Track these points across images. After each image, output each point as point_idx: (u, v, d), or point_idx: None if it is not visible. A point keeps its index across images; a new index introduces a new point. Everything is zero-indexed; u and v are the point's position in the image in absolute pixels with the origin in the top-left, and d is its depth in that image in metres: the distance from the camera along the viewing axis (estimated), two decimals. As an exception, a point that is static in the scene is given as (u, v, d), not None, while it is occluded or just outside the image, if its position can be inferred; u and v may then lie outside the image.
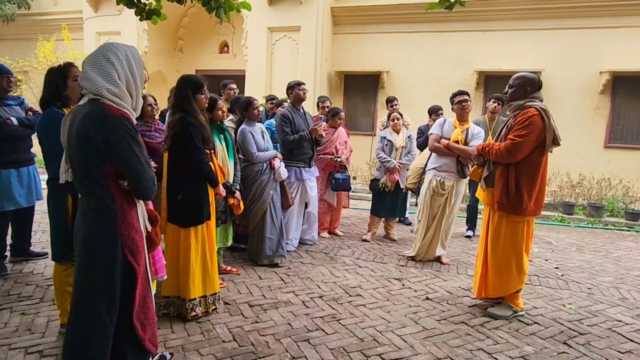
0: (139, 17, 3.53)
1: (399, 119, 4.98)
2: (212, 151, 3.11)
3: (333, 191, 5.01)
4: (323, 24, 8.69)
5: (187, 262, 2.82)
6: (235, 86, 4.96)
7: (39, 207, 3.89)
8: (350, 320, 2.97)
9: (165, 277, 2.26)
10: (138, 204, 1.86)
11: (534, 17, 8.19)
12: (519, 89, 3.02)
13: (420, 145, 5.47)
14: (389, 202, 5.03)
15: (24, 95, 10.03)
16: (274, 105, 5.38)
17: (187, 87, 2.82)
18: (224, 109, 3.35)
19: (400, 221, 6.05)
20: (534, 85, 3.00)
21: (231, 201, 3.38)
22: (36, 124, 3.43)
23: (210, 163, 2.95)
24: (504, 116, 5.15)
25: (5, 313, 2.86)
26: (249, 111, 3.90)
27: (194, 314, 2.84)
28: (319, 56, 8.64)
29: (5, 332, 2.61)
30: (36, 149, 3.33)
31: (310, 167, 4.54)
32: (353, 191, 7.14)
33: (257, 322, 2.90)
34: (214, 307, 2.98)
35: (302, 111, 4.57)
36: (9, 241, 3.81)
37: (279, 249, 4.03)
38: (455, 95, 4.18)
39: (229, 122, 4.00)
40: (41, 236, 4.65)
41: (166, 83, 9.78)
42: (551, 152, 2.99)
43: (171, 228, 2.86)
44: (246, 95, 4.88)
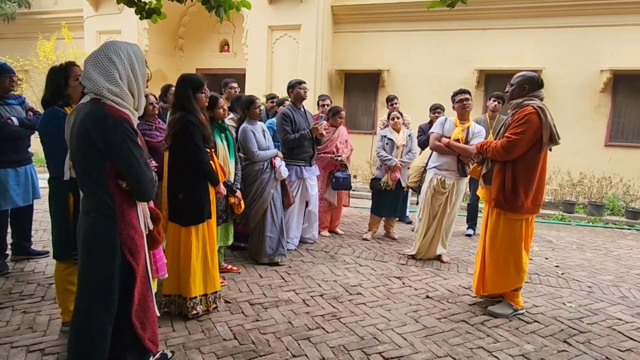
0: (139, 15, 3.54)
1: (399, 118, 4.98)
2: (213, 150, 3.12)
3: (334, 190, 5.01)
4: (323, 22, 8.68)
5: (188, 260, 2.83)
6: (236, 85, 4.96)
7: (39, 205, 3.90)
8: (351, 319, 2.98)
9: (166, 275, 2.26)
10: (138, 204, 1.86)
11: (535, 15, 8.18)
12: (517, 88, 3.05)
13: (421, 144, 5.47)
14: (389, 201, 5.03)
15: (25, 94, 10.05)
16: (274, 104, 5.39)
17: (187, 86, 2.82)
18: (224, 107, 3.36)
19: (400, 220, 6.04)
20: (532, 83, 3.00)
21: (232, 200, 3.38)
22: (37, 123, 3.44)
23: (211, 162, 2.95)
24: (505, 115, 5.20)
25: (7, 312, 2.87)
26: (251, 110, 3.90)
27: (194, 312, 2.85)
28: (319, 55, 8.63)
29: (7, 331, 2.61)
30: (35, 147, 3.33)
31: (311, 166, 4.55)
32: (353, 190, 7.14)
33: (257, 320, 2.90)
34: (214, 306, 2.99)
35: (302, 110, 4.57)
36: (9, 240, 3.82)
37: (279, 247, 4.04)
38: (456, 94, 4.18)
39: (229, 120, 4.00)
40: (42, 235, 4.66)
41: (166, 82, 9.73)
42: (550, 150, 2.99)
43: (172, 227, 2.86)
44: (247, 94, 4.88)
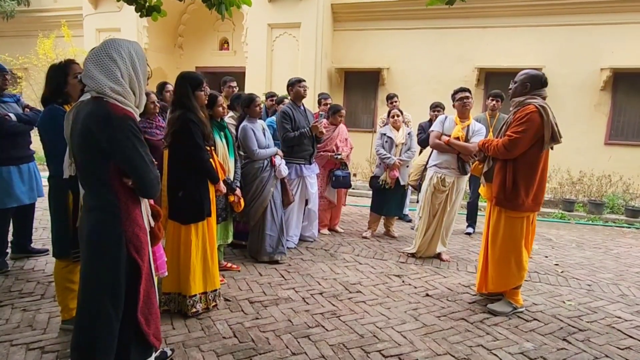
0: (139, 13, 3.52)
1: (398, 116, 4.97)
2: (213, 148, 3.11)
3: (333, 188, 5.01)
4: (323, 20, 8.66)
5: (187, 258, 2.83)
6: (235, 84, 4.96)
7: (39, 204, 3.90)
8: (351, 317, 2.98)
9: (166, 274, 2.27)
10: (142, 201, 1.87)
11: (535, 13, 8.17)
12: (520, 86, 3.04)
13: (422, 142, 5.47)
14: (389, 199, 5.03)
15: (25, 92, 10.07)
16: (274, 102, 5.38)
17: (187, 84, 2.81)
18: (224, 105, 3.35)
19: (400, 218, 6.05)
20: (535, 82, 2.99)
21: (231, 198, 3.38)
22: (35, 120, 3.44)
23: (211, 160, 2.95)
24: (505, 113, 5.19)
25: (7, 309, 2.87)
26: (251, 108, 3.90)
27: (194, 310, 2.85)
28: (319, 53, 8.62)
29: (7, 329, 2.62)
30: (36, 146, 3.33)
31: (310, 164, 4.54)
32: (353, 188, 7.14)
33: (257, 318, 2.91)
34: (214, 304, 2.99)
35: (302, 108, 4.57)
36: (10, 238, 3.82)
37: (279, 246, 4.04)
38: (456, 92, 4.18)
39: (229, 119, 3.99)
40: (42, 233, 4.66)
41: (166, 80, 9.76)
42: (552, 149, 2.99)
43: (172, 225, 2.86)
44: (246, 92, 4.88)
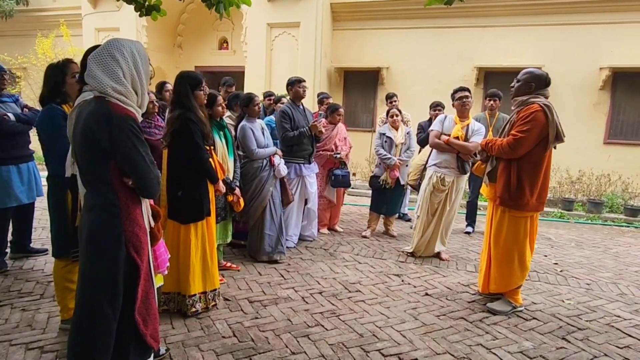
0: (138, 13, 3.51)
1: (397, 115, 4.97)
2: (212, 147, 3.11)
3: (333, 187, 5.01)
4: (322, 20, 8.66)
5: (187, 258, 2.83)
6: (233, 89, 4.98)
7: (38, 203, 3.90)
8: (350, 316, 2.98)
9: (166, 272, 2.27)
10: (143, 201, 1.88)
11: (534, 12, 8.17)
12: (524, 85, 3.01)
13: (421, 142, 5.47)
14: (388, 198, 5.03)
15: (23, 92, 10.06)
16: (272, 102, 5.38)
17: (186, 83, 2.81)
18: (223, 105, 3.35)
19: (399, 217, 6.05)
20: (539, 82, 2.98)
21: (230, 198, 3.38)
22: (33, 119, 3.44)
23: (210, 159, 2.95)
24: (504, 112, 5.19)
25: (6, 309, 2.87)
26: (250, 107, 3.90)
27: (194, 309, 2.85)
28: (318, 52, 8.61)
29: (6, 328, 2.61)
30: (35, 145, 3.33)
31: (309, 163, 4.54)
32: (352, 187, 7.14)
33: (256, 317, 2.91)
34: (213, 303, 2.99)
35: (301, 107, 4.56)
36: (9, 237, 3.82)
37: (278, 245, 4.04)
38: (455, 92, 4.18)
39: (226, 118, 3.99)
40: (41, 233, 4.65)
41: (165, 79, 9.76)
42: (555, 148, 2.98)
43: (171, 224, 2.86)
44: (246, 91, 4.88)
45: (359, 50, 9.29)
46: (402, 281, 3.72)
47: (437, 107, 5.44)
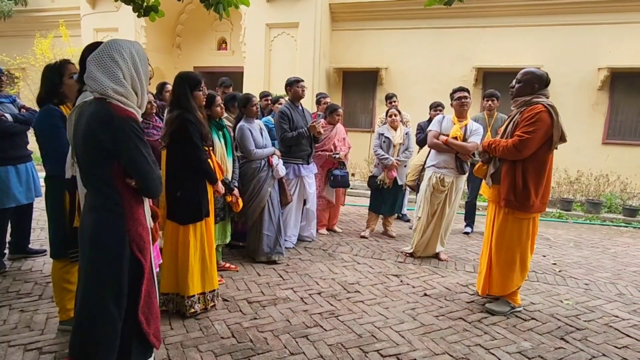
0: (136, 13, 3.51)
1: (396, 115, 4.98)
2: (211, 148, 3.11)
3: (332, 188, 5.01)
4: (321, 20, 8.66)
5: (185, 259, 2.83)
6: (230, 90, 4.99)
7: (37, 204, 3.89)
8: (349, 317, 2.98)
9: (157, 270, 2.26)
10: (145, 201, 1.89)
11: (533, 13, 8.18)
12: (526, 85, 2.98)
13: (420, 142, 5.47)
14: (387, 198, 5.03)
15: (22, 92, 10.04)
16: (269, 102, 5.38)
17: (185, 84, 2.81)
18: (222, 105, 3.35)
19: (398, 218, 6.05)
20: (541, 82, 2.96)
21: (229, 199, 3.38)
22: (31, 120, 3.44)
23: (209, 160, 2.95)
24: (503, 112, 5.20)
25: (4, 310, 2.86)
26: (248, 108, 3.90)
27: (192, 310, 2.85)
28: (317, 53, 8.62)
29: (5, 329, 2.61)
30: (33, 146, 3.33)
31: (308, 164, 4.54)
32: (351, 188, 7.14)
33: (255, 318, 2.91)
34: (212, 304, 2.99)
35: (300, 108, 4.56)
36: (8, 238, 3.81)
37: (276, 246, 4.04)
38: (454, 92, 4.17)
39: (225, 119, 3.99)
40: (40, 233, 4.65)
41: (164, 80, 9.75)
42: (556, 148, 2.97)
43: (170, 225, 2.86)
44: (244, 92, 4.88)
45: (358, 50, 9.30)
46: (401, 282, 3.72)
47: (437, 107, 5.44)
